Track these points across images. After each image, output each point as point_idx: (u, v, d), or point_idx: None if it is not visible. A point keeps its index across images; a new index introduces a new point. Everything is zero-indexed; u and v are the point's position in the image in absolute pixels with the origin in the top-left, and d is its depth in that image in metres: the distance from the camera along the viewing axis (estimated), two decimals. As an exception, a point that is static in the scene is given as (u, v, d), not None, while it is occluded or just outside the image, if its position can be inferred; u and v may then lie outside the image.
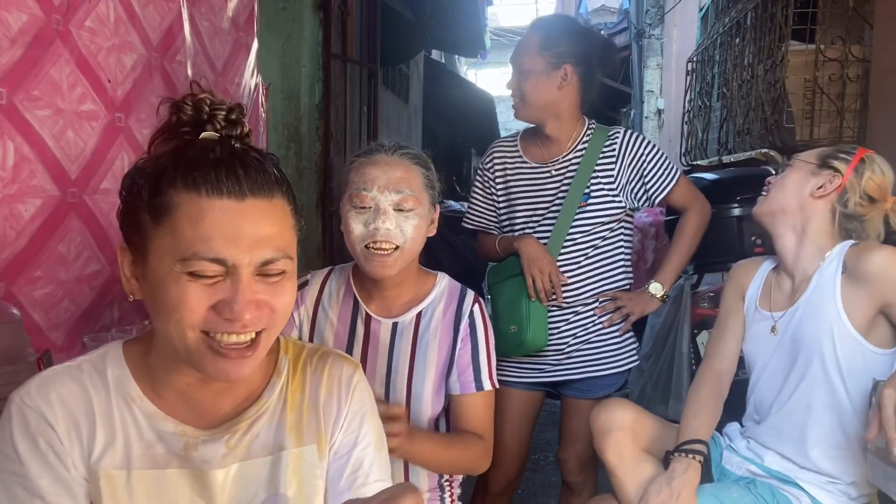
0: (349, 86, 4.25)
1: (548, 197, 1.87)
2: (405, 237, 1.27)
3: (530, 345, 1.80)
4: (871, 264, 1.35)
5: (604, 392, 1.87)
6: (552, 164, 1.88)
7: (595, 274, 1.86)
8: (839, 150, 1.49)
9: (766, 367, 1.53)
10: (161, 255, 0.76)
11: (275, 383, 0.90)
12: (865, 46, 2.74)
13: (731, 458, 1.57)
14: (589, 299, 1.86)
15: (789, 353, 1.48)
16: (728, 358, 1.60)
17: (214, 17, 1.85)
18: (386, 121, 5.99)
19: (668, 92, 8.01)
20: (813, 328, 1.42)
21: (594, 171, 1.84)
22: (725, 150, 3.95)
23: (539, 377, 1.89)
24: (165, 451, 0.82)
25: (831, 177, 1.45)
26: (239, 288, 0.75)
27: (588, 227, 1.84)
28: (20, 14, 1.23)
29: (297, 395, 0.92)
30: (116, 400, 0.82)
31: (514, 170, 1.94)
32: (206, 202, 0.74)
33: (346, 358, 0.98)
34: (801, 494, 1.44)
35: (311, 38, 3.73)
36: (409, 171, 1.30)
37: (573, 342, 1.85)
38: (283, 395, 0.91)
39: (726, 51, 4.10)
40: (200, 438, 0.84)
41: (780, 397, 1.49)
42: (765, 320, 1.54)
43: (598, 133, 1.88)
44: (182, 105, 0.81)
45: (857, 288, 1.38)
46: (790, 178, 1.50)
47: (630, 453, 1.52)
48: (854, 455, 1.40)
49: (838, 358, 1.39)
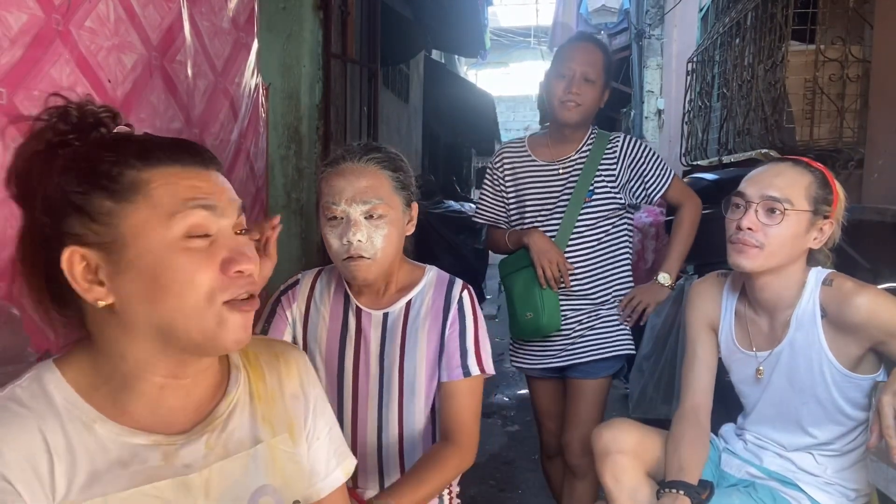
0: (349, 86, 4.25)
1: (555, 192, 2.05)
2: (375, 248, 1.29)
3: (546, 328, 2.00)
4: (857, 313, 1.33)
5: (604, 373, 2.04)
6: (560, 163, 2.07)
7: (600, 264, 2.05)
8: (822, 188, 1.40)
9: (757, 405, 1.53)
10: (147, 229, 0.74)
11: (236, 376, 0.89)
12: (865, 46, 2.74)
13: (729, 461, 1.57)
14: (594, 287, 2.04)
15: (781, 393, 1.47)
16: (702, 391, 1.55)
17: (214, 17, 1.85)
18: (386, 121, 5.99)
19: (668, 92, 8.01)
20: (804, 373, 1.41)
21: (597, 171, 2.03)
22: (725, 150, 3.95)
23: (549, 362, 2.07)
24: (142, 466, 0.77)
25: (824, 224, 1.40)
26: (238, 241, 0.79)
27: (593, 221, 2.03)
28: (20, 14, 1.23)
29: (261, 385, 0.91)
30: (72, 426, 0.75)
31: (522, 168, 2.12)
32: (178, 170, 0.77)
33: (291, 345, 1.01)
34: (801, 497, 1.44)
35: (311, 38, 3.73)
36: (375, 177, 1.29)
37: (579, 328, 2.04)
38: (247, 387, 0.90)
39: (726, 51, 4.10)
40: (178, 443, 0.80)
41: (775, 419, 1.51)
42: (748, 359, 1.51)
43: (599, 137, 2.08)
44: (68, 112, 0.79)
45: (843, 334, 1.36)
46: (789, 233, 1.37)
47: (629, 478, 1.49)
48: (849, 426, 1.42)
49: (833, 395, 1.40)
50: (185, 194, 0.76)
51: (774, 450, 1.51)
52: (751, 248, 1.38)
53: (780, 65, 2.99)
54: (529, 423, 2.16)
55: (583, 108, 1.99)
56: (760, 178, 1.42)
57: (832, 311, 1.37)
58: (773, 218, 1.37)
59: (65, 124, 0.78)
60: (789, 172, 1.40)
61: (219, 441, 0.84)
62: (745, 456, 1.55)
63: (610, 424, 1.57)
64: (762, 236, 1.37)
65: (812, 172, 1.41)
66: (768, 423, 1.51)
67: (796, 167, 1.42)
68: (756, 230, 1.38)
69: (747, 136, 3.49)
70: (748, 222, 1.38)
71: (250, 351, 0.94)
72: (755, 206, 1.39)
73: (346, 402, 1.39)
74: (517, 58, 21.94)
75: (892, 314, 1.30)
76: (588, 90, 1.98)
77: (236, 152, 2.00)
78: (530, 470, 2.12)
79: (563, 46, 2.15)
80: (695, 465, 1.45)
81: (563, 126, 2.04)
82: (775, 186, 1.38)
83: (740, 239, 1.39)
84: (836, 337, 1.37)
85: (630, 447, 1.50)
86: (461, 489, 1.47)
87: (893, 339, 1.30)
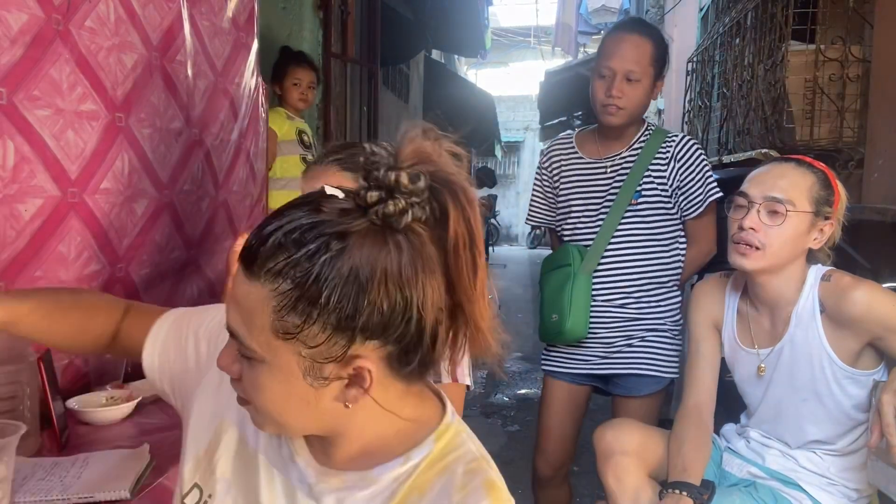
0: (349, 86, 4.25)
1: (601, 192, 1.89)
2: None
3: (569, 334, 1.84)
4: (854, 306, 1.33)
5: (648, 390, 1.88)
6: (608, 160, 1.90)
7: (644, 271, 1.87)
8: (824, 189, 1.40)
9: (759, 403, 1.53)
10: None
11: (408, 458, 0.69)
12: (865, 46, 2.73)
13: (731, 461, 1.57)
14: (638, 295, 1.87)
15: (782, 391, 1.47)
16: (705, 389, 1.55)
17: (214, 17, 1.85)
18: (386, 121, 5.98)
19: (668, 92, 8.00)
20: (805, 369, 1.42)
21: (647, 171, 1.85)
22: (725, 150, 3.94)
23: (585, 369, 1.92)
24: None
25: (825, 225, 1.41)
26: None
27: (638, 225, 1.85)
28: (20, 14, 1.23)
29: (413, 496, 0.67)
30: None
31: (568, 165, 1.97)
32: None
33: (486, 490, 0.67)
34: (802, 497, 1.44)
35: (311, 38, 3.74)
36: (334, 178, 1.25)
37: (620, 337, 1.87)
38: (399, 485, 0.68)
39: (726, 51, 4.10)
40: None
41: (778, 417, 1.51)
42: (749, 357, 1.52)
43: (655, 134, 1.89)
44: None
45: (842, 329, 1.36)
46: (790, 234, 1.38)
47: (631, 479, 1.48)
48: (850, 425, 1.42)
49: (833, 391, 1.40)
50: None
51: (778, 448, 1.51)
52: (752, 249, 1.39)
53: (780, 64, 2.99)
54: (530, 422, 2.15)
55: (626, 110, 1.81)
56: (763, 179, 1.42)
57: (831, 306, 1.37)
58: (775, 219, 1.38)
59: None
60: (792, 173, 1.41)
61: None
62: (748, 455, 1.55)
63: (613, 425, 1.57)
64: (763, 237, 1.38)
65: (815, 173, 1.41)
66: (770, 422, 1.51)
67: (799, 168, 1.42)
68: (758, 230, 1.38)
69: (747, 135, 3.49)
70: (750, 222, 1.39)
71: (438, 460, 0.72)
72: (758, 207, 1.39)
73: None
74: (517, 58, 21.92)
75: (889, 308, 1.30)
76: (632, 90, 1.79)
77: (236, 152, 2.00)
78: (530, 470, 2.11)
79: (605, 38, 1.92)
80: (697, 465, 1.45)
81: (608, 127, 1.88)
82: (778, 187, 1.39)
83: (742, 238, 1.40)
84: (836, 332, 1.37)
85: (633, 448, 1.50)
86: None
87: (890, 334, 1.31)
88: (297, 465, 0.72)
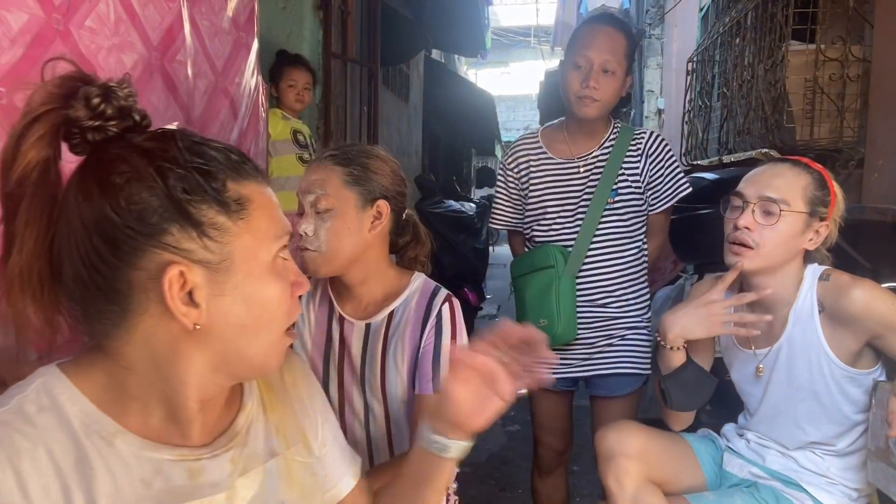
0: (349, 85, 4.25)
1: (576, 192, 1.88)
2: (319, 241, 1.27)
3: (560, 339, 1.83)
4: (854, 304, 1.33)
5: (629, 389, 1.90)
6: (580, 160, 1.89)
7: (625, 271, 1.89)
8: (819, 189, 1.41)
9: (758, 403, 1.53)
10: (253, 252, 0.68)
11: (250, 387, 0.82)
12: (865, 46, 2.73)
13: (731, 461, 1.57)
14: (617, 294, 1.88)
15: (781, 391, 1.47)
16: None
17: (215, 17, 1.85)
18: (386, 121, 5.99)
19: (668, 92, 8.01)
20: (803, 369, 1.42)
21: (621, 169, 1.86)
22: (725, 149, 3.94)
23: (568, 373, 1.92)
24: (166, 486, 0.69)
25: (820, 226, 1.41)
26: (293, 262, 0.76)
27: (616, 223, 1.87)
28: (20, 14, 1.23)
29: (269, 395, 0.84)
30: (90, 441, 0.66)
31: (537, 165, 1.93)
32: (261, 186, 0.72)
33: (289, 351, 0.89)
34: (804, 497, 1.44)
35: (311, 38, 3.73)
36: (326, 171, 1.29)
37: (601, 337, 1.89)
38: (260, 398, 0.83)
39: (726, 51, 4.10)
40: (203, 458, 0.72)
41: (777, 417, 1.51)
42: (747, 358, 1.52)
43: (623, 132, 1.89)
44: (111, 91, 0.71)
45: (840, 328, 1.36)
46: (784, 234, 1.38)
47: (632, 481, 1.47)
48: (848, 426, 1.42)
49: (831, 391, 1.40)
50: (276, 214, 0.71)
51: (777, 448, 1.51)
52: (746, 249, 1.39)
53: (780, 64, 2.99)
54: (530, 422, 2.15)
55: (601, 102, 1.79)
56: (758, 179, 1.43)
57: (829, 305, 1.37)
58: (769, 218, 1.38)
59: (87, 109, 0.70)
60: (787, 173, 1.41)
61: (241, 457, 0.77)
62: (748, 455, 1.55)
63: (615, 426, 1.56)
64: (758, 236, 1.39)
65: (810, 173, 1.41)
66: (769, 422, 1.51)
67: (795, 168, 1.42)
68: (753, 230, 1.39)
69: (747, 135, 3.49)
70: (745, 222, 1.40)
71: None
72: (752, 206, 1.40)
73: (334, 412, 1.38)
74: (517, 58, 21.94)
75: (888, 306, 1.31)
76: (607, 82, 1.77)
77: (236, 152, 1.99)
78: (530, 470, 2.11)
79: (578, 30, 1.89)
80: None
81: (580, 121, 1.86)
82: (773, 187, 1.39)
83: (737, 238, 1.40)
84: (834, 332, 1.37)
85: (635, 451, 1.49)
86: (461, 489, 1.47)
87: (889, 332, 1.31)
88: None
